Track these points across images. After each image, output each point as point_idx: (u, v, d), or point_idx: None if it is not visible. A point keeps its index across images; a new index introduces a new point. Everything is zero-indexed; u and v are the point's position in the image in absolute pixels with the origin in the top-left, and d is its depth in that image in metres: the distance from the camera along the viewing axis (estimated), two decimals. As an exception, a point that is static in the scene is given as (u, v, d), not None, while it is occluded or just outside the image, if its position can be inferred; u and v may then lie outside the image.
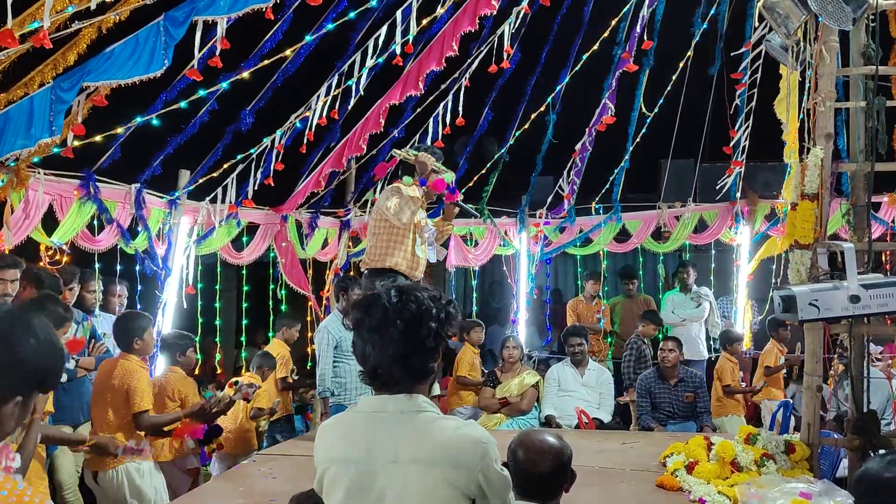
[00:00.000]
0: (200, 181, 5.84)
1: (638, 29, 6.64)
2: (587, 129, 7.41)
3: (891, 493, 1.87)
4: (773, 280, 7.43)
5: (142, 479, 4.07)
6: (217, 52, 4.31)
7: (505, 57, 6.27)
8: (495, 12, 5.92)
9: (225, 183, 5.96)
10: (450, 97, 6.70)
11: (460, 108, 6.70)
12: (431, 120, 6.85)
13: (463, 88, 6.66)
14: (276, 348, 6.12)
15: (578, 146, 7.58)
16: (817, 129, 3.89)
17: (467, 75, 6.63)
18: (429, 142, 6.84)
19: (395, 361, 1.89)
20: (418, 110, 6.82)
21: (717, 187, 7.75)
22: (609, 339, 7.79)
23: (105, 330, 5.10)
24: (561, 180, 7.79)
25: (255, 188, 6.10)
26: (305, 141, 5.95)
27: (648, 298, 7.95)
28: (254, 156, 5.94)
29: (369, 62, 5.58)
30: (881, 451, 2.06)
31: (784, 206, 6.75)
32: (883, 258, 7.68)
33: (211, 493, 3.97)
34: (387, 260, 4.51)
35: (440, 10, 5.58)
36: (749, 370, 7.65)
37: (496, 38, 6.27)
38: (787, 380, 6.81)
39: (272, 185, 6.09)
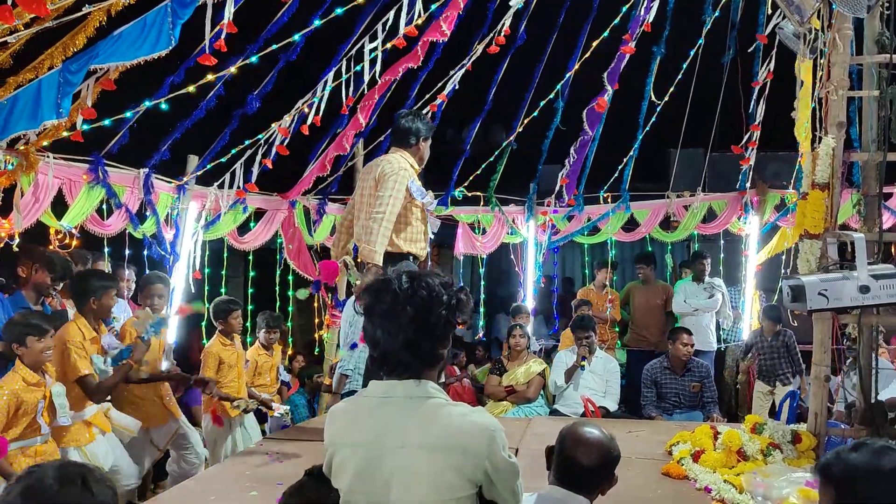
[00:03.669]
0: (208, 166, 5.84)
1: (642, 12, 6.58)
2: (585, 111, 7.34)
3: (885, 481, 1.81)
4: (782, 270, 7.39)
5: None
6: (223, 36, 4.29)
7: (503, 37, 6.21)
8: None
9: (233, 168, 5.96)
10: (452, 83, 6.66)
11: (453, 82, 6.65)
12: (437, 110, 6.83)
13: (464, 72, 6.61)
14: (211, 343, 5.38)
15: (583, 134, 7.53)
16: (829, 117, 3.86)
17: (470, 60, 6.59)
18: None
19: (404, 347, 1.90)
20: (425, 97, 6.80)
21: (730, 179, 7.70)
22: (616, 328, 7.78)
23: (114, 314, 5.12)
24: (567, 161, 7.72)
25: (260, 173, 6.08)
26: (310, 123, 5.92)
27: (667, 286, 7.86)
28: (262, 141, 5.93)
29: (378, 47, 5.55)
30: (852, 441, 2.02)
31: (794, 195, 6.71)
32: (893, 249, 7.62)
33: (218, 476, 4.00)
34: (404, 244, 4.15)
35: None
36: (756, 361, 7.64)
37: (503, 23, 6.23)
38: None
39: (270, 166, 6.03)
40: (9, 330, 3.69)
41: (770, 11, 6.27)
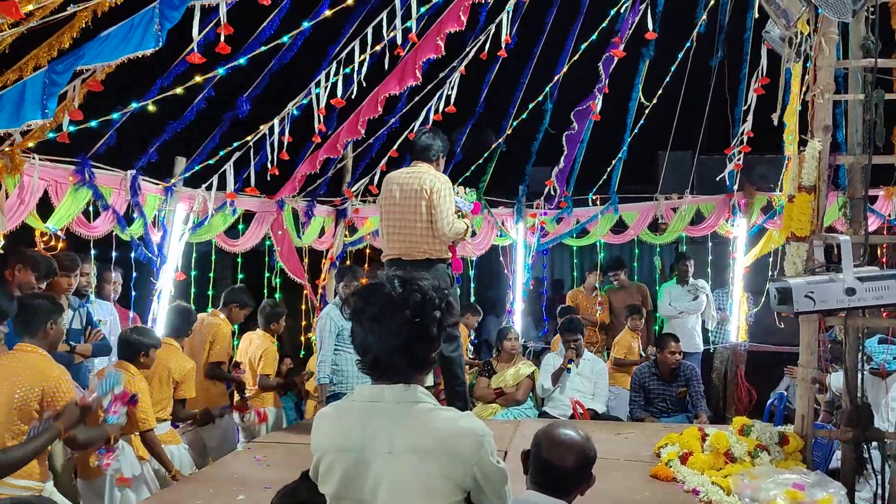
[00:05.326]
0: (196, 168, 5.81)
1: (628, 15, 6.60)
2: (572, 114, 7.37)
3: None
4: (770, 272, 7.43)
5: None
6: (222, 37, 4.27)
7: (503, 46, 6.24)
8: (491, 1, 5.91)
9: (221, 170, 5.94)
10: (446, 87, 6.66)
11: (453, 95, 6.66)
12: (425, 111, 6.83)
13: (458, 77, 6.62)
14: (264, 343, 5.94)
15: (566, 135, 7.54)
16: (815, 121, 3.88)
17: (464, 64, 6.59)
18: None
19: (397, 351, 1.88)
20: (416, 99, 6.79)
21: (718, 179, 7.73)
22: (605, 331, 7.79)
23: (101, 317, 5.09)
24: (558, 167, 7.75)
25: (255, 176, 6.06)
26: (317, 130, 5.93)
27: (642, 286, 7.94)
28: (251, 143, 5.91)
29: (369, 51, 5.54)
30: None
31: (781, 198, 6.73)
32: (879, 251, 7.69)
33: (204, 480, 3.97)
34: (444, 250, 4.46)
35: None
36: (744, 363, 7.67)
37: (493, 27, 6.25)
38: None
39: (276, 173, 6.06)
40: (133, 344, 4.30)
41: (757, 15, 6.30)
